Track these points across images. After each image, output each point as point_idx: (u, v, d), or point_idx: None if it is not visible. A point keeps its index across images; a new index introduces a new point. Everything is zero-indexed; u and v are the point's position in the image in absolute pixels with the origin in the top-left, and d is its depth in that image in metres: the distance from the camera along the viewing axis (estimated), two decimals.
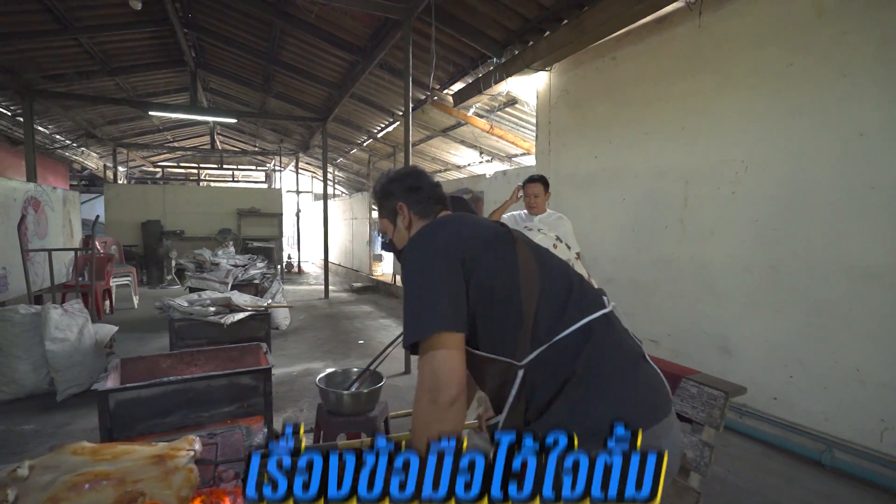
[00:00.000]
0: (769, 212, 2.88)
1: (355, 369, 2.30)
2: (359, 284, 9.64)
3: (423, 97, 6.29)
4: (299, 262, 13.51)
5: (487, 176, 5.81)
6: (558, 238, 2.11)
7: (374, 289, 9.58)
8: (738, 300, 3.06)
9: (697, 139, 3.26)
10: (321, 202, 17.36)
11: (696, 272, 3.30)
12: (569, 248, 2.18)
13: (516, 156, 8.09)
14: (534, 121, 6.43)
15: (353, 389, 2.10)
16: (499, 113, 6.22)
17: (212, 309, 3.84)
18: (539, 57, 4.07)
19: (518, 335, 0.99)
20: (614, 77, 3.87)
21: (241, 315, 3.90)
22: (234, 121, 9.72)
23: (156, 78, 8.25)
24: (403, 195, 1.28)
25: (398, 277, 9.34)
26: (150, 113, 8.39)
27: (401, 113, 7.24)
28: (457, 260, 1.00)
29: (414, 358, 2.30)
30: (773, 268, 2.87)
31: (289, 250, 14.43)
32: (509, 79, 4.62)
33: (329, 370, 2.29)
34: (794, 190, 2.77)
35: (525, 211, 3.16)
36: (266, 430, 1.88)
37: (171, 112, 8.04)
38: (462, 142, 8.13)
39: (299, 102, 8.29)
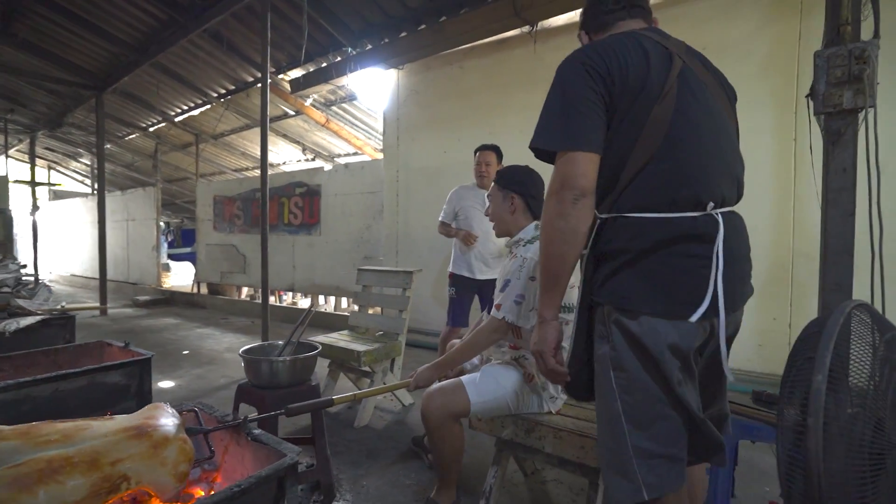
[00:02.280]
0: None
1: (279, 342, 2.09)
2: (146, 298, 7.90)
3: (252, 79, 5.77)
4: (36, 273, 10.10)
5: (327, 169, 5.72)
6: None
7: (169, 301, 8.01)
8: None
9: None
10: (61, 201, 13.35)
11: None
12: None
13: (342, 156, 8.08)
14: (369, 120, 6.68)
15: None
16: (335, 108, 6.19)
17: None
18: (397, 54, 4.35)
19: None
20: (463, 83, 4.46)
21: (29, 320, 2.87)
22: None
23: None
24: None
25: (202, 286, 8.07)
26: None
27: (217, 95, 6.40)
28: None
29: None
30: None
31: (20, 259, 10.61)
32: (357, 72, 4.72)
33: (246, 347, 2.01)
34: None
35: (475, 182, 3.10)
36: None
37: None
38: (284, 136, 7.66)
39: (61, 60, 6.24)
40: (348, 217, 5.42)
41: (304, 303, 8.24)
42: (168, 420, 1.15)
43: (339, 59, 4.87)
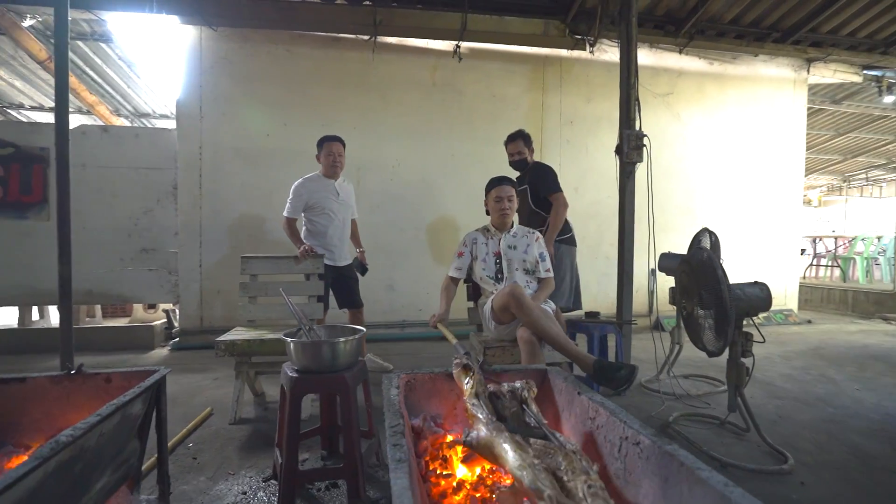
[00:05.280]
0: (414, 194, 4.63)
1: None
2: None
3: None
4: None
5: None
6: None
7: None
8: (397, 251, 4.61)
9: (367, 138, 4.49)
10: None
11: (370, 234, 4.53)
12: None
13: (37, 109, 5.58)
14: (117, 74, 5.08)
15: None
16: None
17: None
18: (219, 14, 3.80)
19: None
20: (291, 68, 4.33)
21: None
22: None
23: None
24: None
25: None
26: None
27: None
28: None
29: None
30: (418, 228, 4.66)
31: None
32: (150, 15, 3.76)
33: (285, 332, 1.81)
34: (426, 184, 4.65)
35: (320, 173, 3.14)
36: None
37: None
38: None
39: None
40: (110, 198, 4.10)
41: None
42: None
43: None
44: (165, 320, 4.49)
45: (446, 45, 4.55)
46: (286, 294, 2.12)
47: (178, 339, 4.20)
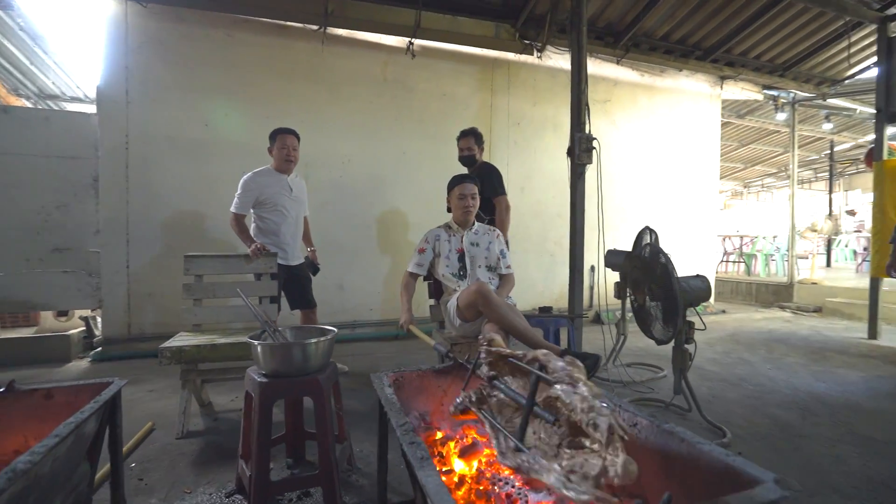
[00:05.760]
0: (365, 191, 4.53)
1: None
2: None
3: None
4: None
5: None
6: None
7: None
8: (347, 250, 4.49)
9: (314, 133, 4.31)
10: None
11: (318, 232, 4.36)
12: None
13: None
14: (31, 46, 4.45)
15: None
16: None
17: None
18: None
19: None
20: (233, 55, 4.05)
21: None
22: None
23: None
24: None
25: None
26: None
27: None
28: None
29: None
30: (368, 226, 4.56)
31: None
32: None
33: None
34: (376, 181, 4.57)
35: (271, 167, 2.99)
36: None
37: None
38: None
39: None
40: (12, 190, 3.58)
41: None
42: None
43: None
44: (84, 328, 4.01)
45: (398, 42, 4.50)
46: (244, 294, 1.99)
47: (99, 349, 3.77)
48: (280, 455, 2.04)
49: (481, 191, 3.11)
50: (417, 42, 4.49)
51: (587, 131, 3.25)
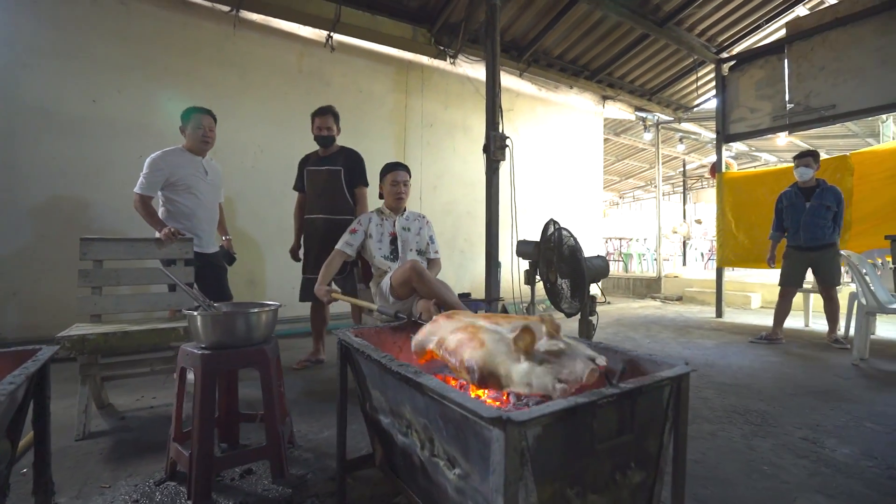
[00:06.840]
0: (278, 183, 4.37)
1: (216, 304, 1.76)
2: None
3: None
4: None
5: None
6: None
7: None
8: (260, 243, 4.29)
9: (225, 120, 4.04)
10: None
11: (229, 223, 4.10)
12: None
13: None
14: None
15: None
16: None
17: None
18: None
19: None
20: (127, 26, 3.66)
21: None
22: None
23: None
24: None
25: None
26: None
27: None
28: None
29: None
30: (280, 219, 4.40)
31: None
32: None
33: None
34: (290, 173, 4.44)
35: (182, 146, 2.82)
36: None
37: None
38: None
39: None
40: None
41: None
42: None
43: None
44: None
45: (315, 34, 4.45)
46: (169, 272, 1.88)
47: None
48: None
49: (349, 180, 3.21)
50: (336, 37, 4.50)
51: (500, 130, 3.57)
